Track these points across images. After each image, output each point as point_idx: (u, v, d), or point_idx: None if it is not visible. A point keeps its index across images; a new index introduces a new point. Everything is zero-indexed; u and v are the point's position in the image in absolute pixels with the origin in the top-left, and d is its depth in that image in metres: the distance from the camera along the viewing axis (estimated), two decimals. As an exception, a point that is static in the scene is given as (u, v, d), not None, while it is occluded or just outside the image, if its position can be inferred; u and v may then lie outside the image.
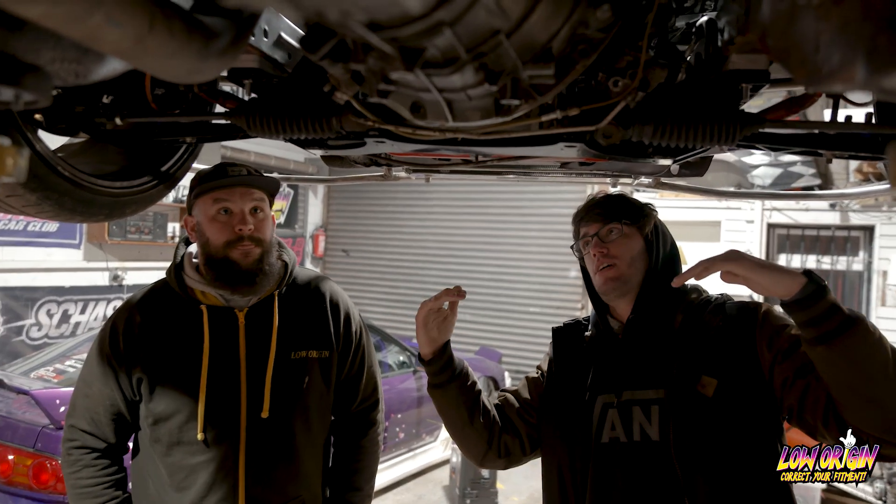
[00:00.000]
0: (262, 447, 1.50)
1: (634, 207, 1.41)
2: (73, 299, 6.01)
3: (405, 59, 0.62)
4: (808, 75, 0.61)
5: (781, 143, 1.16)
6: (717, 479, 1.19)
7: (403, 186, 8.60)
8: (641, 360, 1.33)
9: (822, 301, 1.05)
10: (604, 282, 1.37)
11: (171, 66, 0.68)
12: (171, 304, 1.53)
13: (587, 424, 1.33)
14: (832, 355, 1.04)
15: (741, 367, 1.24)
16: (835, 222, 6.99)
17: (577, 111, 0.96)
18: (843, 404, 1.07)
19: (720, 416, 1.22)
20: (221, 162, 1.50)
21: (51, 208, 1.18)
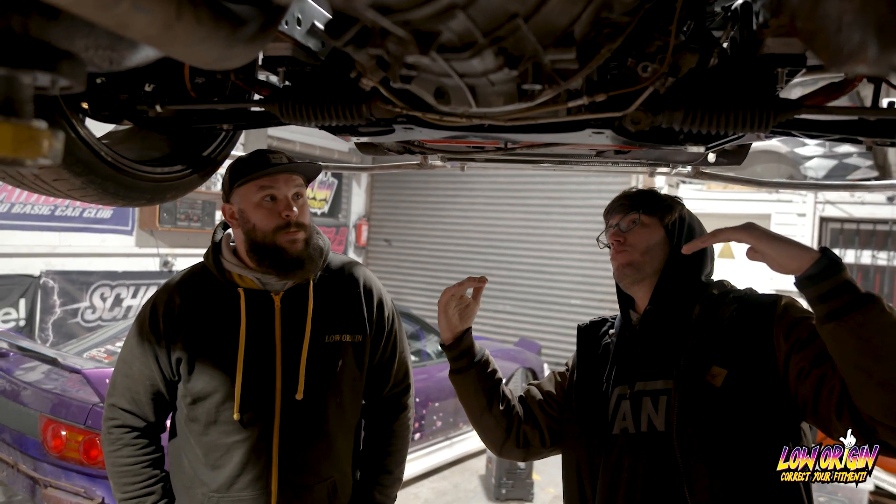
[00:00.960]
0: (295, 428, 1.53)
1: (657, 199, 1.41)
2: (126, 284, 6.24)
3: (419, 42, 0.62)
4: (831, 57, 0.60)
5: (819, 129, 1.12)
6: (719, 470, 1.17)
7: (445, 176, 8.62)
8: (655, 351, 1.33)
9: (835, 277, 1.03)
10: (616, 267, 1.40)
11: (199, 52, 0.71)
12: (209, 286, 1.57)
13: (603, 417, 1.35)
14: (843, 333, 1.01)
15: (754, 359, 1.21)
16: (892, 216, 6.71)
17: (603, 97, 0.95)
18: (853, 388, 1.03)
19: (728, 407, 1.20)
20: (258, 150, 1.54)
21: (94, 192, 1.23)
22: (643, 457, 1.27)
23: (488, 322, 8.13)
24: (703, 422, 1.20)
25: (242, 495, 1.51)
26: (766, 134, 1.06)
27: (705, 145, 1.15)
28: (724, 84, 1.03)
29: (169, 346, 1.53)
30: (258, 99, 1.19)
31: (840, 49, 0.56)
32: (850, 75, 1.00)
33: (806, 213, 6.94)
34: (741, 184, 2.00)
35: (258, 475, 1.51)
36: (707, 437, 1.19)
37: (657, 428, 1.26)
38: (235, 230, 1.57)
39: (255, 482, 1.51)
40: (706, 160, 1.52)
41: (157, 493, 1.57)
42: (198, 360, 1.51)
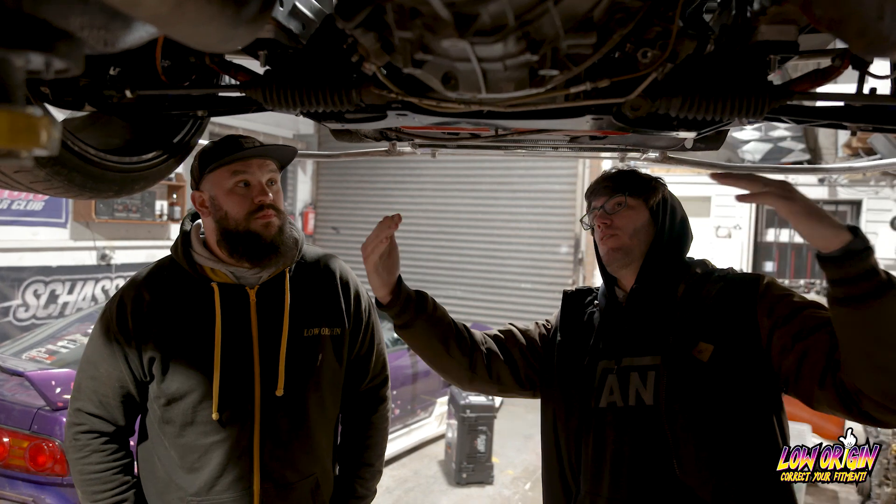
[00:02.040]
0: (276, 425, 1.48)
1: (641, 180, 1.42)
2: (61, 279, 5.94)
3: (458, 25, 0.59)
4: (870, 44, 0.60)
5: (806, 115, 1.14)
6: (706, 442, 1.21)
7: (392, 162, 8.54)
8: (642, 327, 1.36)
9: (860, 263, 1.00)
10: (606, 252, 1.40)
11: (203, 33, 0.65)
12: (180, 281, 1.50)
13: (587, 388, 1.37)
14: (857, 319, 1.02)
15: (739, 335, 1.25)
16: (823, 197, 7.04)
17: (607, 83, 0.94)
18: (850, 364, 1.06)
19: (714, 381, 1.23)
20: (229, 135, 1.47)
21: (60, 184, 1.14)
22: (630, 430, 1.30)
23: (439, 308, 8.14)
24: (691, 396, 1.24)
25: (223, 497, 1.46)
26: (757, 120, 1.07)
27: (697, 131, 1.15)
28: (719, 71, 1.03)
29: (140, 345, 1.45)
30: (238, 84, 1.12)
31: (883, 37, 0.56)
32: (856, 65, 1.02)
33: (744, 195, 7.19)
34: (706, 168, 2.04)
35: (239, 475, 1.46)
36: (695, 411, 1.23)
37: (645, 402, 1.29)
38: (206, 219, 1.49)
39: (237, 483, 1.46)
40: (683, 145, 1.54)
41: (129, 500, 1.49)
42: (172, 359, 1.44)
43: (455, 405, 4.80)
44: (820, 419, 5.21)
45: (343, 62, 1.03)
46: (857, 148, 6.23)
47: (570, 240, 7.72)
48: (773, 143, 6.87)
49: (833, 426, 5.26)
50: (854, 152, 6.34)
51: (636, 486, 1.28)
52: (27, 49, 0.55)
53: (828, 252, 1.02)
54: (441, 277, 8.28)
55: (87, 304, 6.05)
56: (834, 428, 5.24)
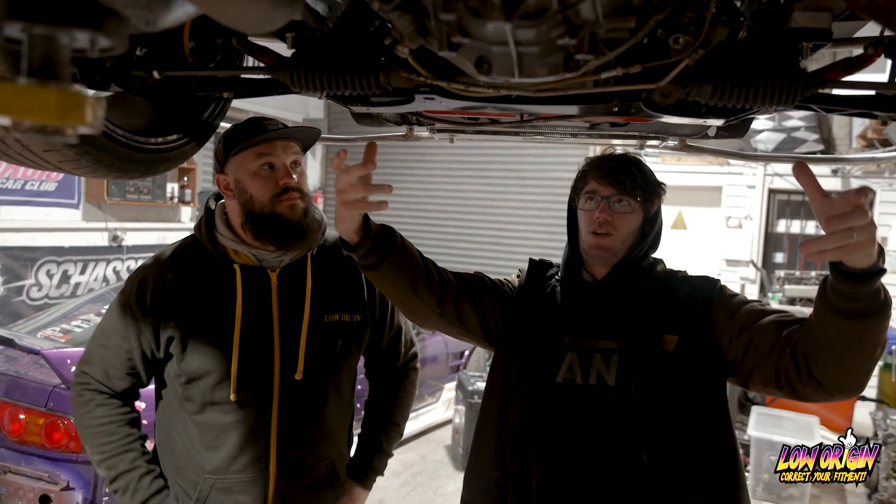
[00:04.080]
0: (294, 409, 1.50)
1: (650, 184, 1.41)
2: (73, 259, 5.97)
3: (506, 8, 0.59)
4: (920, 31, 0.59)
5: (836, 104, 1.13)
6: (673, 428, 1.27)
7: (403, 148, 8.51)
8: (608, 313, 1.38)
9: (875, 283, 1.02)
10: (594, 246, 1.38)
11: (246, 13, 0.66)
12: (203, 262, 1.50)
13: (543, 361, 1.37)
14: (848, 330, 1.07)
15: (699, 329, 1.33)
16: (836, 188, 6.99)
17: (639, 68, 0.93)
18: (819, 360, 1.13)
19: (679, 370, 1.30)
20: (253, 117, 1.46)
21: (88, 164, 1.15)
22: (590, 409, 1.31)
23: (447, 294, 8.16)
24: (659, 382, 1.29)
25: (240, 477, 1.47)
26: (788, 108, 1.06)
27: (725, 119, 1.15)
28: (751, 57, 1.02)
29: (158, 323, 1.46)
30: (265, 66, 1.12)
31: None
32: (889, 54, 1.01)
33: (756, 185, 7.17)
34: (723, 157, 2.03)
35: (256, 456, 1.47)
36: (663, 397, 1.28)
37: (607, 383, 1.31)
38: (230, 202, 1.49)
39: (254, 463, 1.47)
40: (706, 133, 1.53)
41: (136, 450, 1.49)
42: (192, 338, 1.45)
43: (463, 391, 4.82)
44: (828, 412, 5.21)
45: (371, 45, 1.03)
46: (872, 139, 6.17)
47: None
48: (787, 133, 6.80)
49: (841, 419, 5.27)
50: (869, 143, 6.28)
51: (597, 465, 1.29)
52: (75, 27, 0.55)
53: (854, 268, 1.01)
54: (449, 264, 8.25)
55: (99, 284, 6.09)
56: (842, 420, 5.25)
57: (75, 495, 2.79)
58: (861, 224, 0.95)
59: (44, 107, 0.53)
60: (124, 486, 1.46)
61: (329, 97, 1.17)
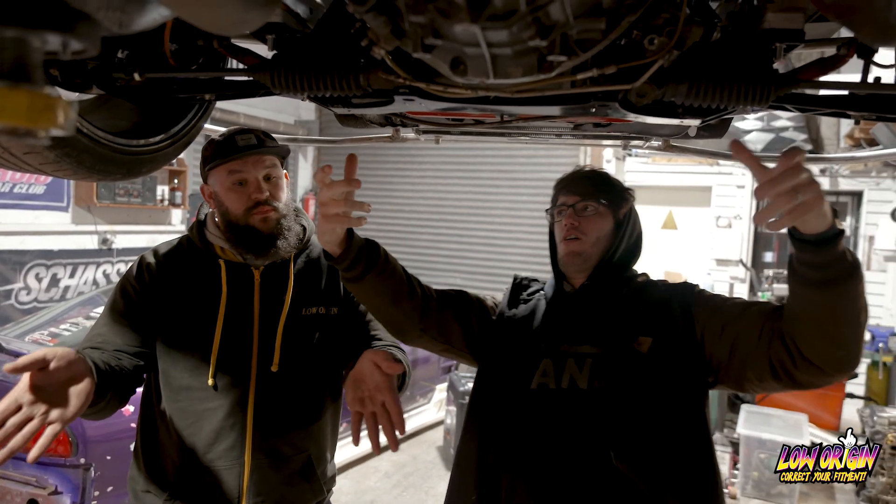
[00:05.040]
0: (271, 399, 1.52)
1: (615, 189, 1.46)
2: (62, 263, 5.94)
3: (472, 9, 0.60)
4: (879, 32, 0.60)
5: (811, 103, 1.15)
6: (643, 430, 1.26)
7: (395, 150, 8.52)
8: (584, 319, 1.41)
9: (838, 246, 1.01)
10: (567, 253, 1.43)
11: (218, 16, 0.66)
12: (192, 256, 1.58)
13: (520, 369, 1.39)
14: (823, 299, 1.07)
15: (677, 329, 1.32)
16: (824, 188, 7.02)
17: (614, 69, 0.94)
18: (806, 337, 1.13)
19: (652, 371, 1.29)
20: (231, 130, 1.52)
21: (69, 166, 1.15)
22: (561, 413, 1.32)
23: (439, 295, 8.16)
24: (631, 384, 1.29)
25: (216, 465, 1.49)
26: (762, 108, 1.08)
27: (702, 118, 1.16)
28: (725, 58, 1.03)
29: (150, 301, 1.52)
30: (246, 68, 1.12)
31: (891, 25, 0.57)
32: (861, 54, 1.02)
33: (744, 184, 7.20)
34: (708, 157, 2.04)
35: (231, 445, 1.49)
36: (634, 399, 1.28)
37: (579, 386, 1.32)
38: (214, 209, 1.58)
39: (229, 451, 1.49)
40: (686, 133, 1.54)
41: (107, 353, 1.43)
42: (177, 322, 1.51)
43: (454, 392, 4.82)
44: (817, 409, 5.25)
45: (351, 46, 1.04)
46: (860, 139, 6.22)
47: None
48: (776, 133, 6.85)
49: (830, 416, 5.30)
50: (856, 143, 6.32)
51: (566, 468, 1.28)
52: (45, 29, 0.55)
53: (812, 234, 1.01)
54: (441, 265, 8.29)
55: (89, 288, 6.06)
56: (830, 418, 5.29)
57: (63, 500, 2.78)
58: (801, 182, 0.97)
59: (14, 109, 0.53)
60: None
61: (310, 99, 1.18)
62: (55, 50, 0.59)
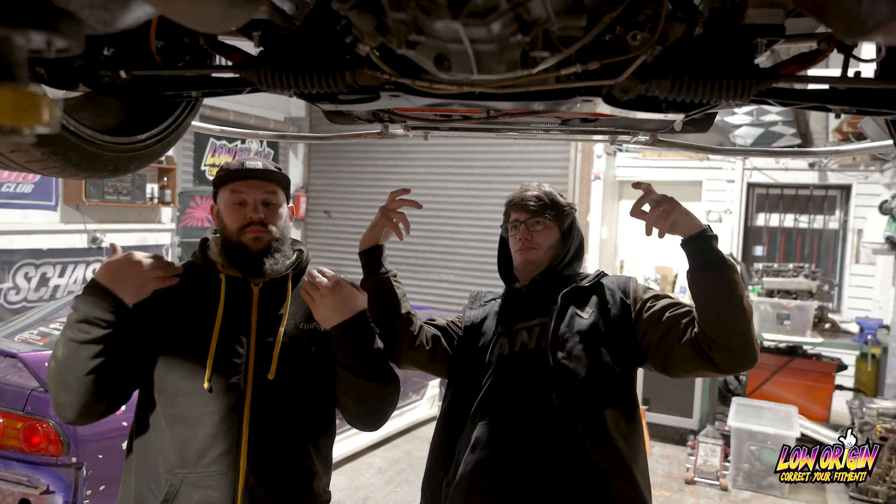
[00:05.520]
0: (267, 406, 1.51)
1: (559, 206, 1.73)
2: (52, 262, 5.91)
3: (452, 6, 0.61)
4: (850, 27, 0.62)
5: (792, 98, 1.16)
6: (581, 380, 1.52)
7: (386, 146, 8.51)
8: (536, 304, 1.67)
9: (710, 243, 1.47)
10: (523, 261, 1.71)
11: (202, 13, 0.67)
12: (193, 274, 1.63)
13: (483, 353, 1.67)
14: (706, 279, 1.45)
15: (614, 309, 1.61)
16: (813, 182, 7.09)
17: (597, 65, 0.95)
18: (704, 318, 1.44)
19: (591, 335, 1.57)
20: (240, 161, 1.62)
21: (56, 164, 1.15)
22: (512, 369, 1.59)
23: (432, 291, 8.17)
24: (571, 341, 1.56)
25: (210, 470, 1.47)
26: (744, 102, 1.09)
27: (685, 113, 1.17)
28: (707, 53, 1.05)
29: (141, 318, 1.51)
30: (233, 65, 1.13)
31: (862, 21, 0.58)
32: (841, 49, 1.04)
33: (735, 179, 7.25)
34: (695, 151, 2.06)
35: (226, 450, 1.48)
36: (574, 353, 1.54)
37: (528, 346, 1.60)
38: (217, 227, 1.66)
39: (224, 457, 1.48)
40: (672, 128, 1.56)
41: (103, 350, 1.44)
42: (175, 330, 1.53)
43: (447, 387, 4.84)
44: (806, 401, 5.30)
45: (337, 43, 1.04)
46: (848, 133, 6.26)
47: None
48: (765, 128, 6.89)
49: (819, 408, 5.35)
50: (845, 137, 6.37)
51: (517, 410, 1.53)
52: (29, 28, 0.56)
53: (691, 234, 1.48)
54: (433, 261, 8.30)
55: (78, 287, 6.04)
56: (820, 410, 5.33)
57: (55, 499, 2.77)
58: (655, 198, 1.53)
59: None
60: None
61: (298, 95, 1.18)
62: (39, 48, 0.59)
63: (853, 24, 0.60)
